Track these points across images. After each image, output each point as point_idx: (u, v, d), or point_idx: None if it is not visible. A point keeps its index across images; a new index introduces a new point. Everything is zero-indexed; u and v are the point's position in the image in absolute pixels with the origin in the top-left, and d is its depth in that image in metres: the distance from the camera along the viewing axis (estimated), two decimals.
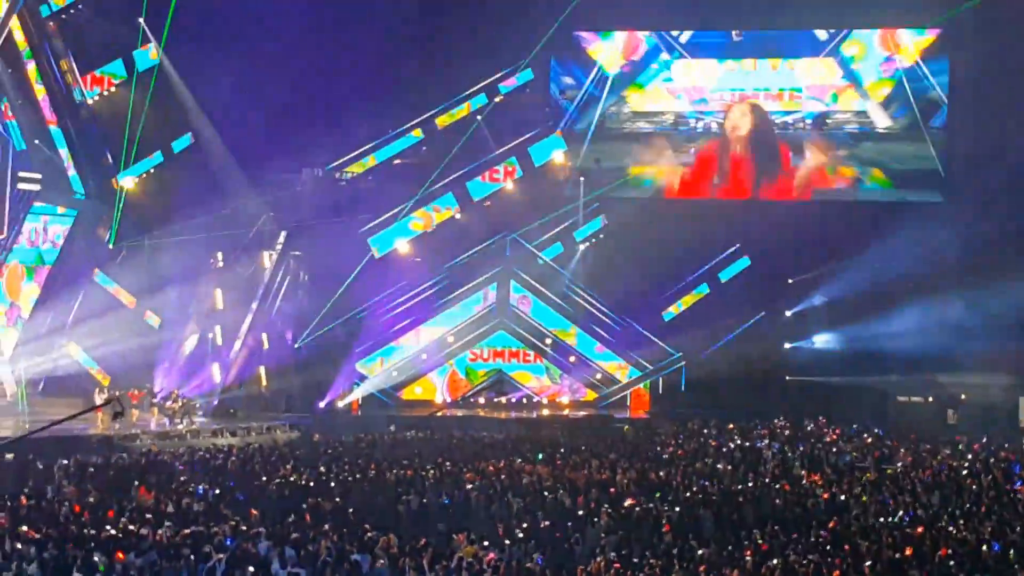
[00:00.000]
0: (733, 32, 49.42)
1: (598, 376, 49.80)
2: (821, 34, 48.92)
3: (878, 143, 49.31)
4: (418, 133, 49.43)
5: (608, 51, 50.36)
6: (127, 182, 42.57)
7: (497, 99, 48.74)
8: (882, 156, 49.32)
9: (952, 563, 18.64)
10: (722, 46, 50.09)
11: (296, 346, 45.07)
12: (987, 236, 44.74)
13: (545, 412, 47.09)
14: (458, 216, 49.05)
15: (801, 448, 34.37)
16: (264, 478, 26.53)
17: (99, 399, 37.44)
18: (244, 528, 19.96)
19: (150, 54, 42.71)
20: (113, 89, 43.40)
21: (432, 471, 27.71)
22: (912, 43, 47.82)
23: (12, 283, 42.16)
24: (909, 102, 47.82)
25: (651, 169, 50.88)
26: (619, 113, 50.92)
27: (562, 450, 33.13)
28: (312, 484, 25.62)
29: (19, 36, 40.95)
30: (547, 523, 21.78)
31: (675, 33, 49.64)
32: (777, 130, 49.84)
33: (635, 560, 18.44)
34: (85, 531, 19.18)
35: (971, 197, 46.03)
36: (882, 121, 48.96)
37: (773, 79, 49.62)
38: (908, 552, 19.39)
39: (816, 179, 50.01)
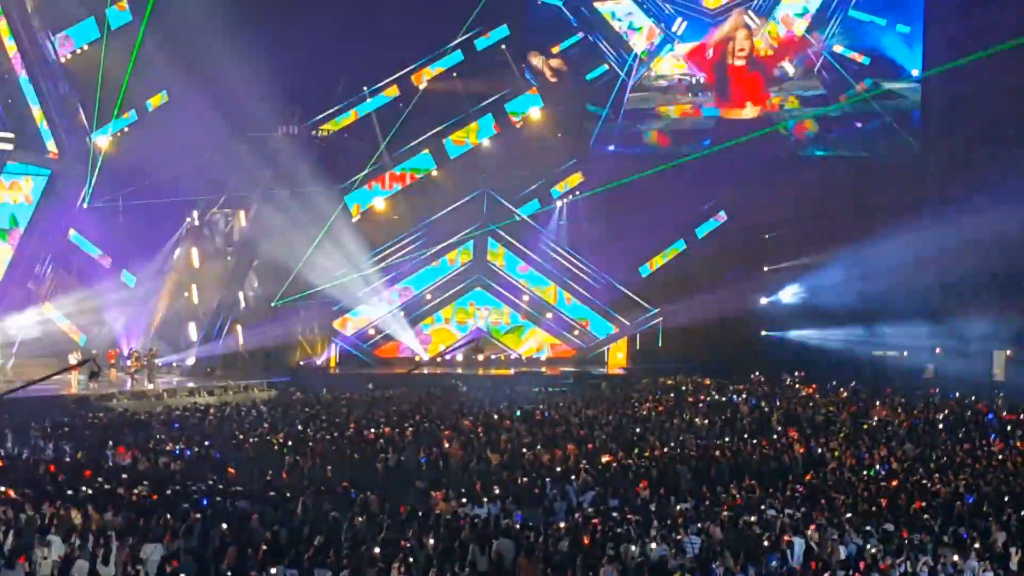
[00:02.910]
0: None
1: (575, 332, 49.94)
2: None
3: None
4: (394, 91, 49.02)
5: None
6: (101, 141, 42.09)
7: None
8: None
9: (926, 515, 18.83)
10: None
11: (272, 304, 44.86)
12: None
13: (523, 369, 47.19)
14: (435, 173, 48.82)
15: (777, 403, 34.60)
16: (241, 436, 26.53)
17: (73, 359, 37.26)
18: (221, 487, 19.96)
19: (122, 11, 42.03)
20: (86, 47, 42.79)
21: (410, 429, 27.76)
22: None
23: None
24: None
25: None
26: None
27: (540, 406, 33.25)
28: (290, 443, 25.63)
29: None
30: (525, 479, 21.86)
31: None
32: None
33: (613, 515, 18.53)
34: (62, 490, 19.12)
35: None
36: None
37: None
38: (883, 504, 19.59)
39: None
